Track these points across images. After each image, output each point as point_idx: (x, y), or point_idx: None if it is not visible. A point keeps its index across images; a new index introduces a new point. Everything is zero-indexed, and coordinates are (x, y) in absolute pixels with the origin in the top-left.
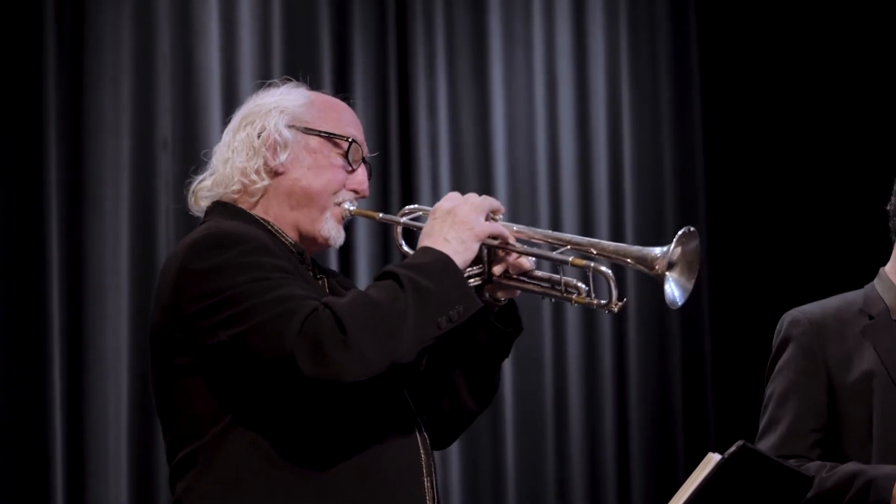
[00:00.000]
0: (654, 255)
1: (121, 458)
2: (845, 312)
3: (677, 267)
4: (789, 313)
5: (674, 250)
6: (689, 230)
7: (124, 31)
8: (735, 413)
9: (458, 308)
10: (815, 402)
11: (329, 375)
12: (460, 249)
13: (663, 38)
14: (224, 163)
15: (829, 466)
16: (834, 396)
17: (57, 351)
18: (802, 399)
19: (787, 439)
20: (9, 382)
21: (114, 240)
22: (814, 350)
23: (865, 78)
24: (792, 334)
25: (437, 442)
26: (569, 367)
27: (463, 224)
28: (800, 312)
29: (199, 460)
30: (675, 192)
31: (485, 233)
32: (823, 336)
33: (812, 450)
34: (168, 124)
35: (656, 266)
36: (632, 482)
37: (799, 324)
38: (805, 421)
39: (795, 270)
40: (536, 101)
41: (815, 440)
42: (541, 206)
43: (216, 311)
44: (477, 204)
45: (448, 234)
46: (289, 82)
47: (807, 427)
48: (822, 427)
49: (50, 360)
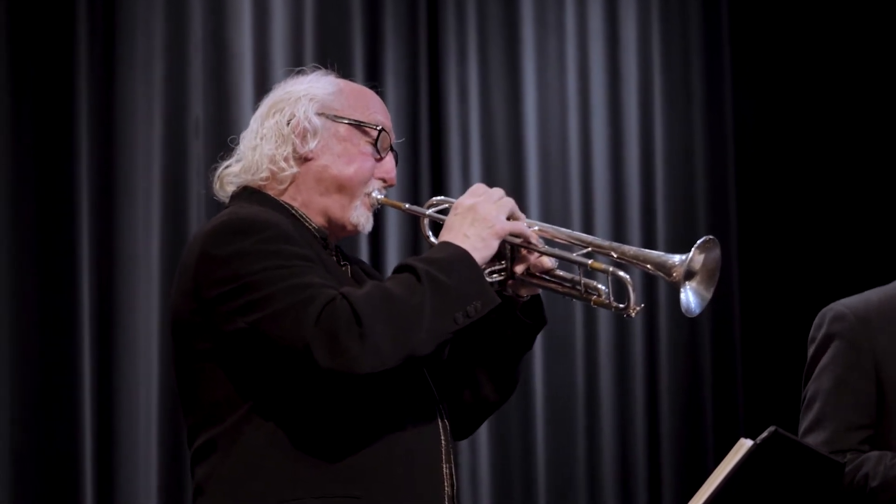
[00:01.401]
0: (673, 262)
1: (151, 442)
2: (888, 306)
3: (697, 276)
4: (831, 308)
5: (693, 259)
6: (710, 239)
7: (157, 17)
8: (765, 400)
9: (476, 304)
10: (865, 397)
11: (344, 367)
12: (479, 246)
13: (695, 26)
14: (252, 150)
15: (891, 455)
16: (882, 392)
17: (87, 336)
18: (852, 395)
19: (837, 436)
20: (40, 368)
21: (145, 225)
22: (861, 345)
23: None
24: (836, 330)
25: (458, 431)
26: (600, 355)
27: (483, 221)
28: (843, 307)
29: (219, 447)
30: (707, 179)
31: (505, 231)
32: (870, 331)
33: (862, 446)
34: (200, 110)
35: (674, 273)
36: (662, 469)
37: (843, 318)
38: (855, 417)
39: (827, 259)
40: (568, 88)
41: (866, 437)
42: (572, 194)
43: (235, 298)
44: (499, 201)
45: (468, 231)
46: (318, 70)
47: (857, 423)
48: (871, 423)
49: (80, 345)
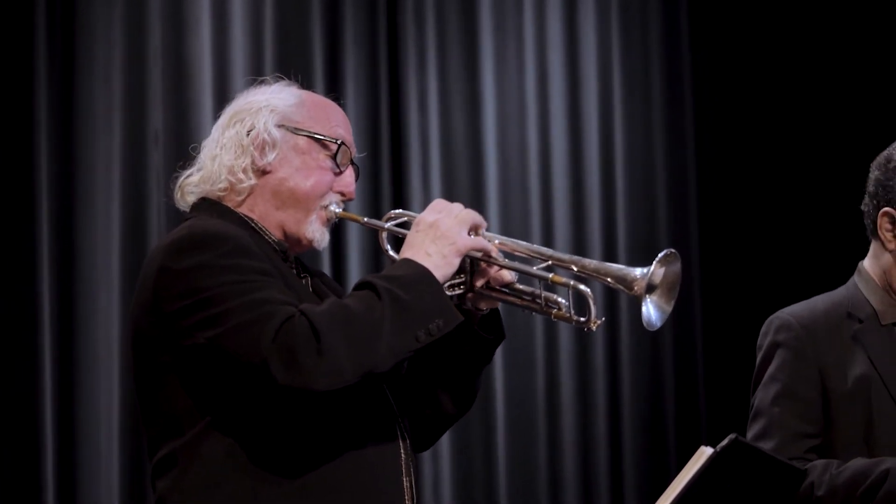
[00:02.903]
0: (634, 275)
1: (112, 451)
2: (833, 315)
3: (657, 289)
4: (776, 316)
5: (654, 272)
6: (671, 252)
7: (116, 27)
8: (727, 408)
9: (438, 322)
10: (811, 406)
11: (301, 383)
12: (441, 264)
13: (654, 32)
14: (212, 159)
15: (836, 464)
16: (828, 402)
17: (48, 345)
18: (798, 404)
19: (784, 445)
20: (0, 377)
21: (105, 234)
22: (807, 355)
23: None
24: (782, 339)
25: (418, 444)
26: (561, 364)
27: (445, 238)
28: (789, 315)
29: (180, 460)
30: (667, 184)
31: (466, 247)
32: (815, 340)
33: (808, 454)
34: (160, 120)
35: (635, 287)
36: (624, 477)
37: (789, 328)
38: (801, 426)
39: (789, 265)
40: (528, 95)
41: (811, 446)
42: (532, 201)
43: (193, 312)
44: (461, 217)
45: (429, 248)
46: (281, 80)
47: (803, 432)
48: (817, 432)
49: (41, 354)
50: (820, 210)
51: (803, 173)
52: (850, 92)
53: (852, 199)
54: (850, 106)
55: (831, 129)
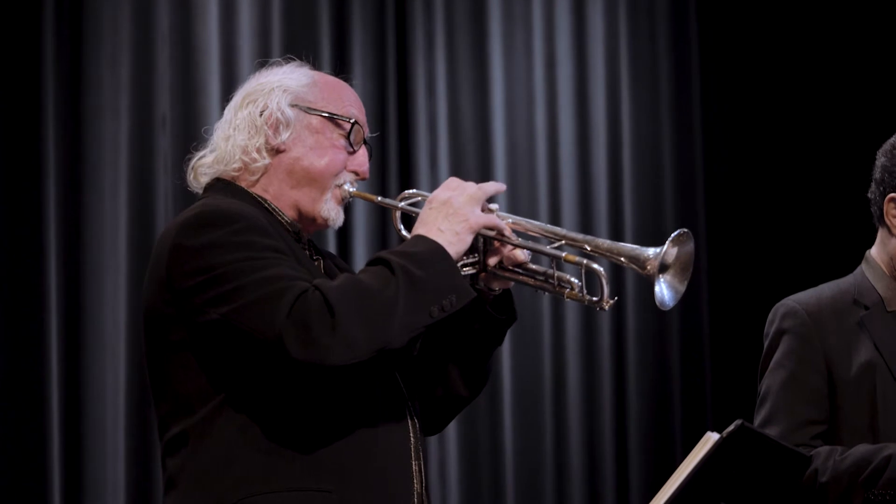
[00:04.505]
0: (647, 255)
1: (118, 436)
2: (840, 303)
3: (670, 269)
4: (783, 304)
5: (667, 252)
6: (684, 232)
7: (123, 12)
8: (732, 393)
9: (451, 298)
10: (817, 393)
11: (315, 358)
12: (454, 240)
13: (662, 18)
14: (225, 140)
15: (840, 450)
16: (833, 388)
17: (55, 330)
18: (803, 391)
19: (790, 431)
20: (7, 361)
21: (112, 219)
22: (813, 341)
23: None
24: (788, 326)
25: (429, 427)
26: (567, 348)
27: (458, 215)
28: (795, 303)
29: (191, 439)
30: (674, 171)
31: (479, 224)
32: (821, 327)
33: (814, 441)
34: (167, 104)
35: (648, 266)
36: (630, 462)
37: (795, 315)
38: (807, 413)
39: (794, 250)
40: (535, 80)
41: (817, 432)
42: (539, 185)
43: (206, 289)
44: (473, 194)
45: (442, 225)
46: (292, 61)
47: (809, 419)
48: (823, 419)
49: (48, 337)
50: (827, 197)
51: (811, 159)
52: (857, 80)
53: (859, 187)
54: (858, 94)
55: (839, 116)
